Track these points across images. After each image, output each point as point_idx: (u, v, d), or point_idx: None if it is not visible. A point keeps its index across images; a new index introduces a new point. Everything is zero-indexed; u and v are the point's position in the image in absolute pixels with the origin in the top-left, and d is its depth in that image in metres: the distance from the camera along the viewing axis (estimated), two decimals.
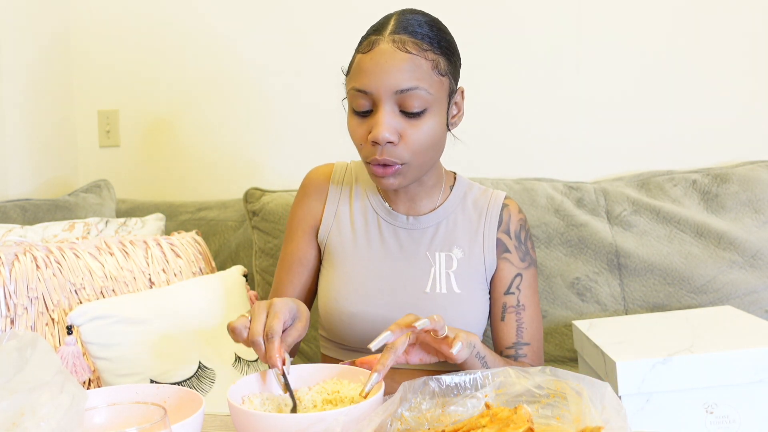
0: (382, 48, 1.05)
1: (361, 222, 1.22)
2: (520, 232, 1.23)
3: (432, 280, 1.16)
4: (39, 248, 1.39)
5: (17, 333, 0.67)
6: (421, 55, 1.05)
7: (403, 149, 1.06)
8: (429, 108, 1.07)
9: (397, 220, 1.20)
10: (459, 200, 1.23)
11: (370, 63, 1.05)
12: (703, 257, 1.72)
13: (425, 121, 1.07)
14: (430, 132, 1.07)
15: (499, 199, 1.24)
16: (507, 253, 1.20)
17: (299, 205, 1.28)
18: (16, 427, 0.58)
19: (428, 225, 1.20)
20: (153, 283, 1.49)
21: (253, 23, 2.13)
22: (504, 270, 1.20)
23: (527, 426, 0.71)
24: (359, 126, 1.09)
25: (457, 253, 1.18)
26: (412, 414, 0.79)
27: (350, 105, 1.11)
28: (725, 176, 1.82)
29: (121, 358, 1.30)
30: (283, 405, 0.88)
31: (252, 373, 0.93)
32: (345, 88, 1.14)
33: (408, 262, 1.18)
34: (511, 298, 1.19)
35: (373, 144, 1.06)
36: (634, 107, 1.98)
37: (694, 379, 1.24)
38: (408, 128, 1.06)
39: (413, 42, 1.05)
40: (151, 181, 2.24)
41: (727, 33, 1.94)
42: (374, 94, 1.05)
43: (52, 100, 2.14)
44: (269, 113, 2.14)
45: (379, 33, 1.07)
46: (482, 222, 1.21)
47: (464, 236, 1.20)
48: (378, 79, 1.04)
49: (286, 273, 1.26)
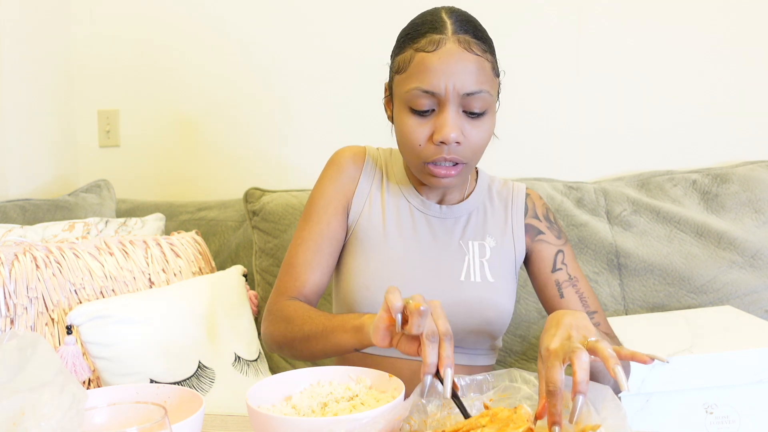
0: (449, 48, 1.04)
1: (392, 209, 1.20)
2: (548, 214, 1.25)
3: (466, 269, 1.16)
4: (39, 248, 1.39)
5: (17, 333, 0.67)
6: (484, 57, 1.07)
7: (466, 149, 1.07)
8: (488, 109, 1.08)
9: (430, 209, 1.20)
10: (485, 191, 1.24)
11: (438, 63, 1.04)
12: (703, 257, 1.72)
13: (485, 122, 1.08)
14: (488, 132, 1.10)
15: (520, 189, 1.27)
16: (541, 234, 1.22)
17: (331, 183, 1.22)
18: (17, 426, 0.58)
19: (460, 214, 1.20)
20: (153, 283, 1.49)
21: (252, 23, 2.13)
22: (543, 251, 1.21)
23: (527, 426, 0.71)
24: (419, 126, 1.07)
25: (490, 242, 1.19)
26: (419, 416, 0.79)
27: (406, 104, 1.08)
28: (725, 176, 1.82)
29: (120, 358, 1.30)
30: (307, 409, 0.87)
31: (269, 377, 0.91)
32: (394, 85, 1.12)
33: (441, 251, 1.17)
34: (561, 273, 1.19)
35: (438, 144, 1.06)
36: (634, 107, 1.98)
37: (694, 379, 1.24)
38: (470, 128, 1.07)
39: (476, 43, 1.06)
40: (151, 181, 2.24)
41: (727, 33, 1.94)
42: (441, 95, 1.05)
43: (52, 100, 2.14)
44: (269, 113, 2.14)
45: (441, 32, 1.06)
46: (509, 211, 1.23)
47: (495, 225, 1.21)
48: (447, 80, 1.04)
49: (314, 254, 1.18)
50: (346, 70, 2.08)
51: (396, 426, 0.76)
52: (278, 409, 0.86)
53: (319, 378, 0.92)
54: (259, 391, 0.87)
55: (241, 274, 1.61)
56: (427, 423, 0.78)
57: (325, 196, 1.21)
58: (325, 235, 1.19)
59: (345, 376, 0.92)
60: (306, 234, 1.20)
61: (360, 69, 2.05)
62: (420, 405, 0.79)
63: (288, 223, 1.77)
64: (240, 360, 1.44)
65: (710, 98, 1.95)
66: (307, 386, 0.92)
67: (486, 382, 0.84)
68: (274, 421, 0.77)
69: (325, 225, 1.19)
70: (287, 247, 1.75)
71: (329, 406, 0.86)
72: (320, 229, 1.19)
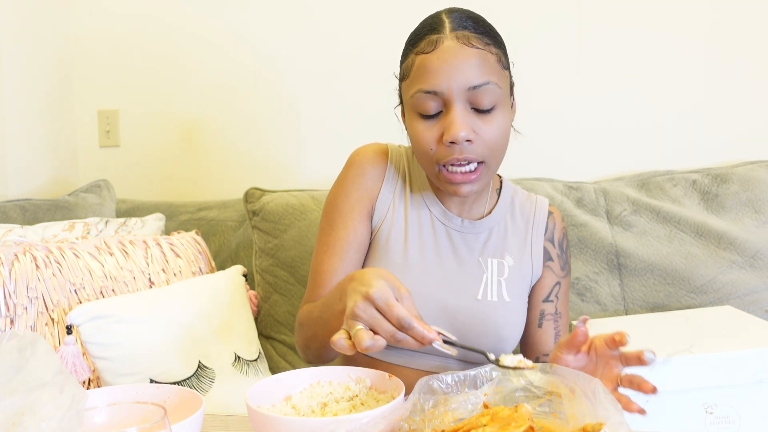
0: (447, 45, 1.01)
1: (414, 217, 1.16)
2: (563, 240, 1.21)
3: (483, 287, 1.13)
4: (39, 248, 1.39)
5: (17, 333, 0.67)
6: (486, 49, 1.03)
7: (479, 146, 1.02)
8: (499, 103, 1.04)
9: (452, 222, 1.15)
10: (508, 205, 1.20)
11: (437, 62, 1.01)
12: (703, 257, 1.72)
13: (496, 117, 1.04)
14: (502, 127, 1.05)
15: (544, 206, 1.22)
16: (550, 261, 1.19)
17: (354, 186, 1.17)
18: (16, 426, 0.58)
19: (482, 230, 1.16)
20: (153, 283, 1.49)
21: (252, 23, 2.13)
22: (546, 278, 1.18)
23: (528, 425, 0.71)
24: (428, 130, 1.04)
25: (508, 261, 1.15)
26: (418, 416, 0.79)
27: (413, 110, 1.05)
28: (725, 176, 1.82)
29: (120, 358, 1.30)
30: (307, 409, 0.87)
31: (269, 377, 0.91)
32: (402, 93, 1.10)
33: (460, 266, 1.13)
34: (550, 305, 1.18)
35: (449, 145, 1.02)
36: (634, 107, 1.98)
37: (694, 379, 1.24)
38: (482, 125, 1.02)
39: (476, 37, 1.03)
40: (151, 181, 2.23)
41: (727, 33, 1.94)
42: (445, 94, 1.01)
43: (52, 100, 2.14)
44: (270, 113, 2.14)
45: (438, 31, 1.03)
46: (530, 229, 1.19)
47: (514, 243, 1.17)
48: (448, 76, 1.00)
49: (340, 261, 1.14)
50: (348, 70, 2.08)
51: (396, 426, 0.76)
52: (278, 409, 0.86)
53: (319, 378, 0.92)
54: (259, 391, 0.87)
55: (241, 274, 1.60)
56: (426, 422, 0.78)
57: (349, 200, 1.16)
58: (351, 240, 1.15)
59: (345, 376, 0.92)
60: (332, 241, 1.15)
61: (361, 69, 2.05)
62: (419, 405, 0.80)
63: (288, 223, 1.77)
64: (240, 360, 1.44)
65: (710, 98, 1.95)
66: (306, 386, 0.92)
67: (480, 376, 0.84)
68: (273, 421, 0.77)
69: (351, 231, 1.15)
70: (287, 247, 1.76)
71: (329, 406, 0.86)
72: (346, 235, 1.15)
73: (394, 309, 0.82)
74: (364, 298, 0.83)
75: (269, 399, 0.88)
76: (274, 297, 1.75)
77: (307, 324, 1.10)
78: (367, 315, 0.83)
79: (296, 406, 0.87)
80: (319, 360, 1.12)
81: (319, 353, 1.11)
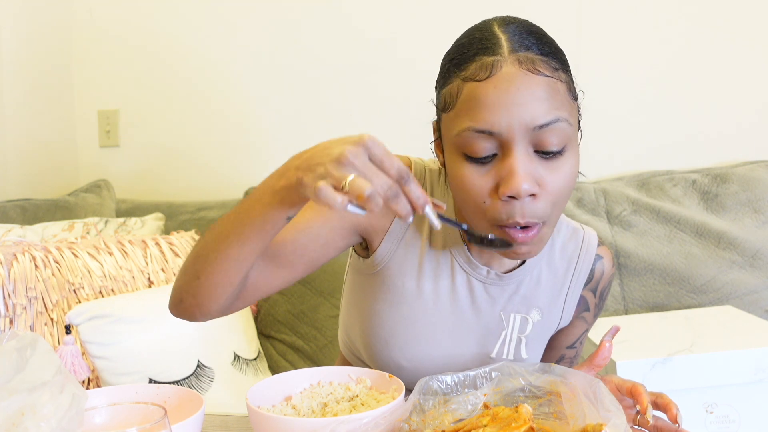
0: (507, 72, 0.80)
1: (431, 258, 0.96)
2: (606, 289, 1.04)
3: (500, 345, 0.98)
4: (37, 248, 1.38)
5: (17, 333, 0.67)
6: (555, 76, 0.83)
7: (543, 202, 0.82)
8: (569, 143, 0.83)
9: (476, 270, 0.96)
10: (546, 249, 0.99)
11: (495, 93, 0.80)
12: (703, 257, 1.72)
13: (566, 162, 0.83)
14: (571, 174, 0.84)
15: (591, 247, 1.01)
16: (586, 312, 1.03)
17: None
18: (16, 427, 0.58)
19: (510, 283, 0.97)
20: (152, 283, 1.49)
21: (252, 23, 2.13)
22: (576, 327, 1.04)
23: (528, 425, 0.71)
24: (481, 177, 0.82)
25: (534, 316, 0.98)
26: (418, 416, 0.79)
27: (459, 150, 0.83)
28: (725, 176, 1.82)
29: (119, 357, 1.30)
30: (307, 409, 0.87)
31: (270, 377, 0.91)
32: (442, 125, 0.88)
33: (478, 320, 0.97)
34: (572, 351, 1.06)
35: (506, 200, 0.81)
36: (634, 107, 1.98)
37: (694, 379, 1.24)
38: (546, 174, 0.82)
39: (542, 60, 0.83)
40: (151, 181, 2.23)
41: (727, 34, 1.94)
42: (503, 135, 0.80)
43: (52, 100, 2.14)
44: (270, 113, 2.14)
45: (494, 52, 0.82)
46: (569, 276, 1.00)
47: (546, 295, 0.99)
48: (510, 113, 0.79)
49: (302, 235, 0.91)
50: (349, 70, 2.08)
51: (396, 426, 0.76)
52: (278, 410, 0.86)
53: (319, 378, 0.92)
54: (259, 391, 0.87)
55: None
56: (426, 423, 0.78)
57: (348, 216, 0.88)
58: (319, 237, 0.91)
59: (345, 377, 0.92)
60: (304, 220, 0.92)
61: (363, 69, 2.05)
62: (419, 405, 0.80)
63: None
64: (239, 359, 1.44)
65: (710, 98, 1.95)
66: (307, 386, 0.92)
67: (479, 377, 0.84)
68: (273, 422, 0.77)
69: (327, 230, 0.92)
70: None
71: (329, 406, 0.86)
72: (317, 229, 0.91)
73: (394, 158, 0.69)
74: (357, 144, 0.69)
75: (269, 399, 0.88)
76: (273, 296, 1.75)
77: (203, 247, 0.84)
78: (360, 162, 0.68)
79: (296, 406, 0.87)
80: (202, 308, 0.87)
81: (210, 291, 0.84)
